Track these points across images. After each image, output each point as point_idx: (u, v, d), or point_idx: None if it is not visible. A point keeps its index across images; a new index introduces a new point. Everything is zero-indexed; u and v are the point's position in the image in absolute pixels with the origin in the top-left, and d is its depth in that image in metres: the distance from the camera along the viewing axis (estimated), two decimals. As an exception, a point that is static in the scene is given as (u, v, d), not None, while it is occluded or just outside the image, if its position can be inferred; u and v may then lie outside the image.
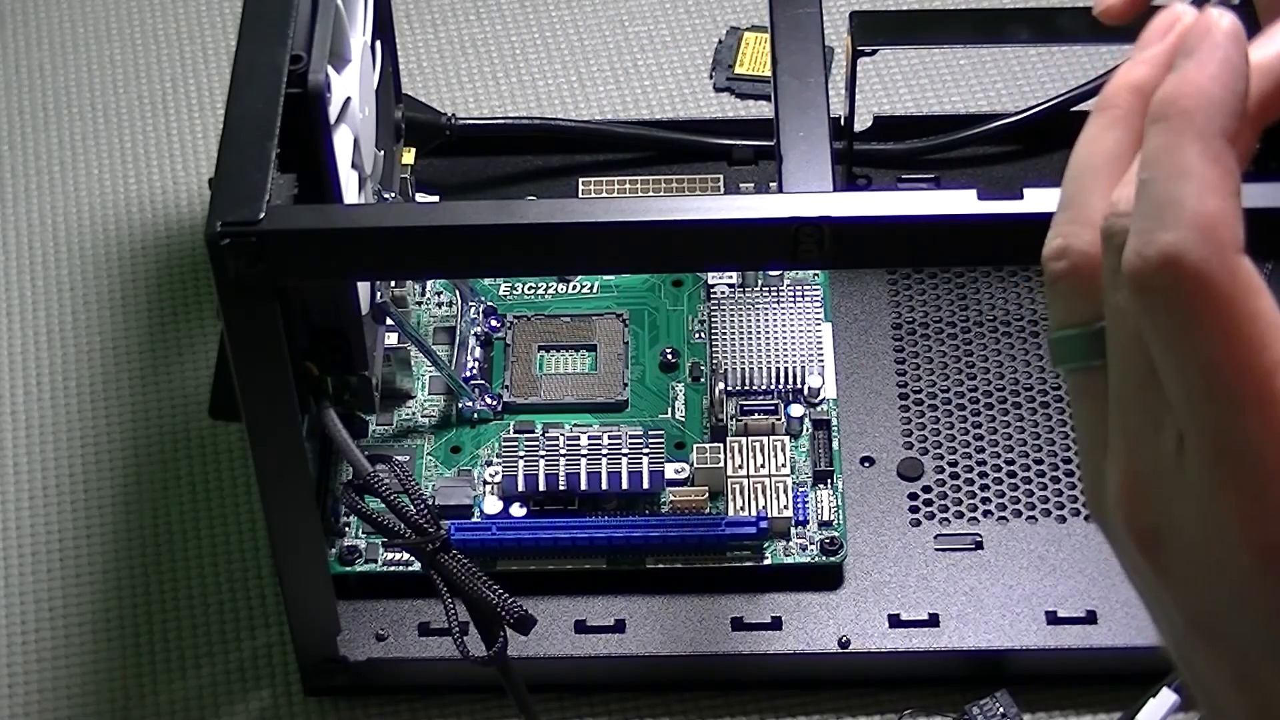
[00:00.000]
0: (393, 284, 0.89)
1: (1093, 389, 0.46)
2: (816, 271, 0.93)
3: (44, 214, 1.02)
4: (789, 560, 0.85)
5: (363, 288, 0.79)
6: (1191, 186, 0.43)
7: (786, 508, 0.86)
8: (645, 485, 0.85)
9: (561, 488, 0.85)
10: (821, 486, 0.87)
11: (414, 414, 0.90)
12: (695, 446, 0.87)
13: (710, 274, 0.93)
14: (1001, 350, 0.92)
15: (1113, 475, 0.46)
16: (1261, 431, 0.43)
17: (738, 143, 0.99)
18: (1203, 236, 0.43)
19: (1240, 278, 0.43)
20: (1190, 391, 0.43)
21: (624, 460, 0.85)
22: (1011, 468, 0.89)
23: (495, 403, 0.89)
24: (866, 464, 0.89)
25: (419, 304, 0.93)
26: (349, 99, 0.76)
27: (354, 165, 0.78)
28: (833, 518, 0.86)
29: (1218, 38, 0.45)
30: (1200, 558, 0.44)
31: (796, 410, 0.89)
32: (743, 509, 0.86)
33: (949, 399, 0.91)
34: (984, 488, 0.88)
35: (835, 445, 0.88)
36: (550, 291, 0.93)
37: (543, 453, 0.86)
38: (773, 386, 0.90)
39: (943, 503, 0.88)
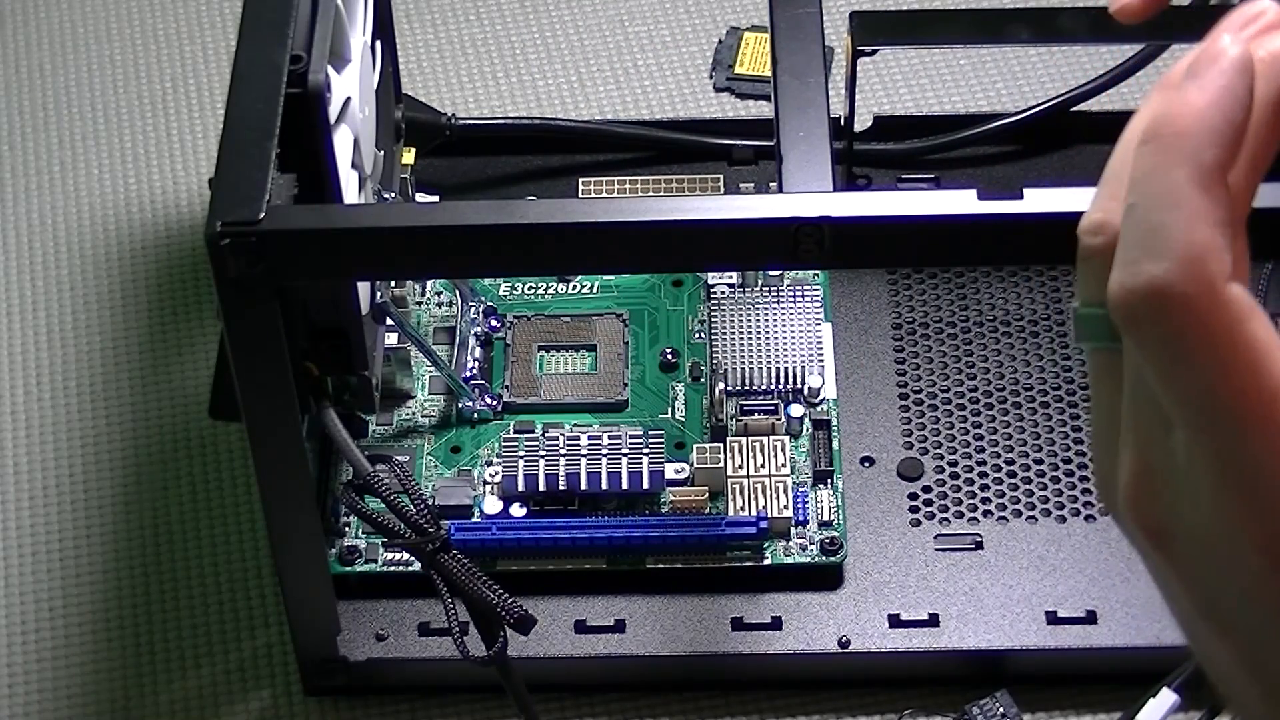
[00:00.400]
0: (393, 284, 0.89)
1: (1113, 370, 0.46)
2: (816, 271, 0.93)
3: (44, 214, 1.02)
4: (789, 560, 0.85)
5: (363, 288, 0.79)
6: (1179, 215, 0.43)
7: (786, 508, 0.85)
8: (645, 485, 0.85)
9: (561, 488, 0.85)
10: (821, 486, 0.87)
11: (414, 414, 0.90)
12: (695, 446, 0.87)
13: (710, 274, 0.93)
14: (1001, 350, 0.92)
15: (1124, 468, 0.46)
16: (1271, 456, 0.42)
17: (738, 143, 0.99)
18: (1189, 270, 0.42)
19: (1231, 308, 0.42)
20: (1187, 419, 0.43)
21: (624, 460, 0.85)
22: (1011, 468, 0.89)
23: (495, 403, 0.89)
24: (866, 464, 0.89)
25: (419, 304, 0.93)
26: (349, 99, 0.76)
27: (354, 165, 0.78)
28: (833, 518, 0.86)
29: (1225, 65, 0.44)
30: (1210, 556, 0.44)
31: (796, 410, 0.89)
32: (743, 509, 0.86)
33: (949, 399, 0.91)
34: (984, 488, 0.88)
35: (835, 445, 0.88)
36: (550, 291, 0.93)
37: (543, 453, 0.86)
38: (773, 386, 0.90)
39: (943, 503, 0.88)
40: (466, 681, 0.84)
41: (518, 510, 0.86)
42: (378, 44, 0.84)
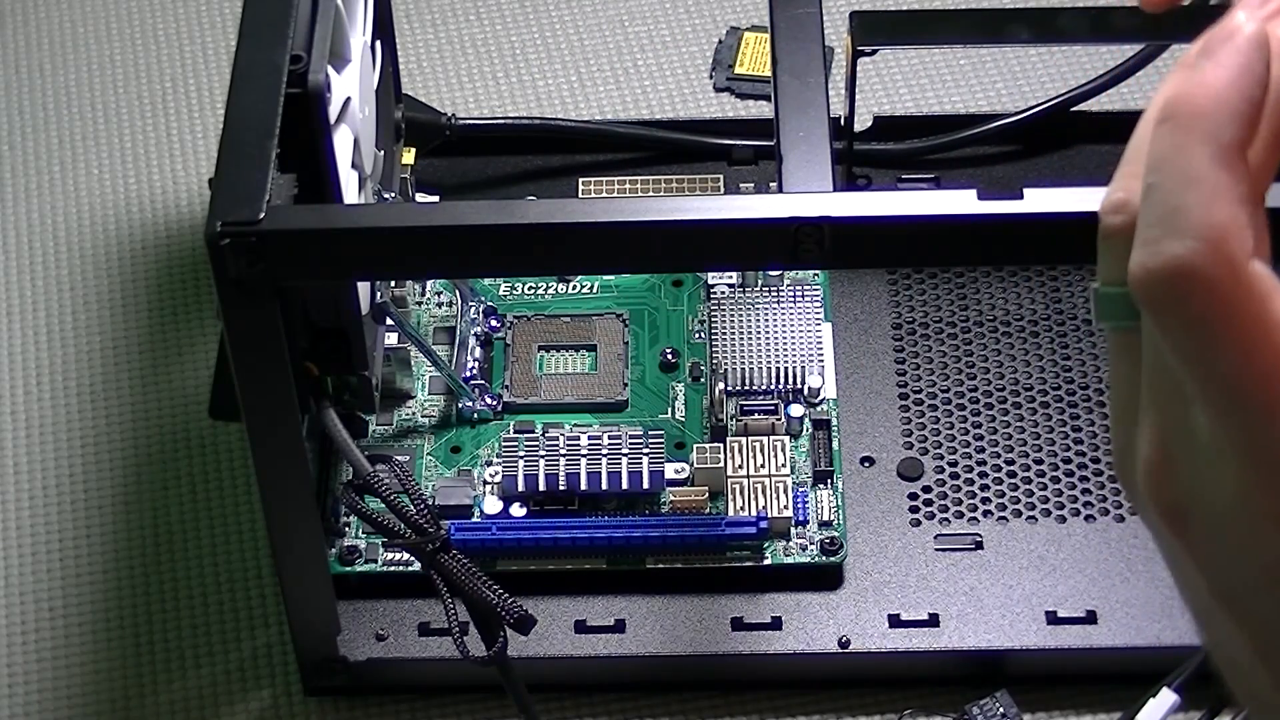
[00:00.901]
0: (393, 284, 0.89)
1: (1133, 349, 0.45)
2: (816, 271, 0.93)
3: (44, 214, 1.02)
4: (789, 560, 0.85)
5: (363, 288, 0.79)
6: (1199, 194, 0.42)
7: (786, 508, 0.85)
8: (645, 485, 0.85)
9: (561, 488, 0.85)
10: (821, 486, 0.87)
11: (414, 414, 0.90)
12: (695, 446, 0.87)
13: (710, 274, 0.93)
14: (1001, 350, 0.92)
15: (1143, 447, 0.45)
16: None
17: (738, 143, 0.99)
18: (1211, 249, 0.42)
19: (1254, 287, 0.42)
20: (1211, 401, 0.43)
21: (624, 460, 0.85)
22: (1011, 468, 0.89)
23: (495, 403, 0.89)
24: (866, 464, 0.89)
25: (419, 304, 0.93)
26: (349, 99, 0.76)
27: (354, 165, 0.78)
28: (833, 518, 0.86)
29: (1240, 42, 0.44)
30: (1228, 540, 0.44)
31: (796, 410, 0.89)
32: (743, 509, 0.86)
33: (949, 399, 0.91)
34: (984, 488, 0.88)
35: (835, 445, 0.88)
36: (550, 291, 0.93)
37: (543, 453, 0.86)
38: (773, 386, 0.90)
39: (943, 503, 0.88)
40: (466, 681, 0.84)
41: (518, 510, 0.86)
42: (378, 44, 0.84)
